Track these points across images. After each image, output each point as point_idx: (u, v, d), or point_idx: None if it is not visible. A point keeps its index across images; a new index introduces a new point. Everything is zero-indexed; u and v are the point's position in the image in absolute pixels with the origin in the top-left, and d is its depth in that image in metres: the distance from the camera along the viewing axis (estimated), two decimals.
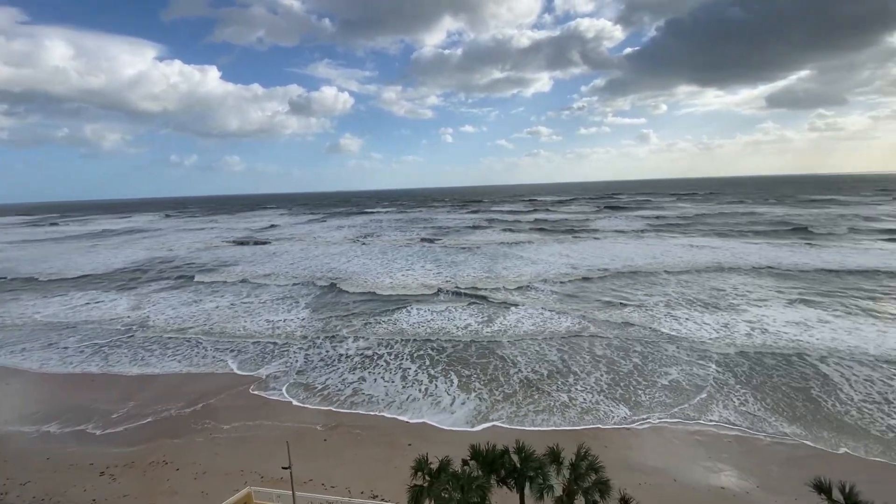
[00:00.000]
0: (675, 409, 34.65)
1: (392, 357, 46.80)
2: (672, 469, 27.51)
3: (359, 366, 44.95)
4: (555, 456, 15.87)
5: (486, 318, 57.72)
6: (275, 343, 52.29)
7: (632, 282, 74.21)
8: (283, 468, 22.19)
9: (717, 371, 40.83)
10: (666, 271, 80.00)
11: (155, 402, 38.71)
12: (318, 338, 53.44)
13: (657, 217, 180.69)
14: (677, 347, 46.42)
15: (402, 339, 51.60)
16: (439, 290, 72.72)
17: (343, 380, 41.96)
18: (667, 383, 38.94)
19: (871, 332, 48.79)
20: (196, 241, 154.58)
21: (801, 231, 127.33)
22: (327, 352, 49.08)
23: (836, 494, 12.19)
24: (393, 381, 41.13)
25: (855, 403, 34.54)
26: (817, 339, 47.14)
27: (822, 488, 12.23)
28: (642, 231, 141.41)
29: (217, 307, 68.49)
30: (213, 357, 48.98)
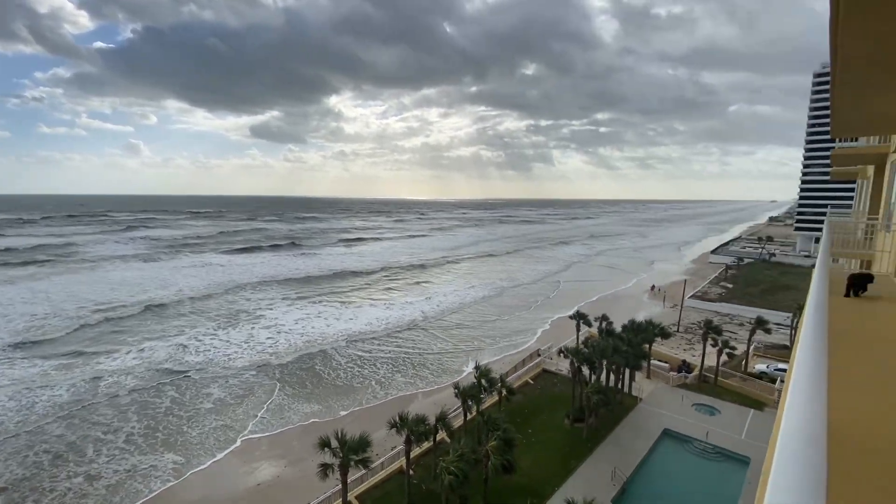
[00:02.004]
0: (221, 433, 34.72)
1: None
2: (210, 494, 27.68)
3: None
4: None
5: None
6: None
7: (148, 314, 66.47)
8: None
9: (252, 377, 44.20)
10: (188, 298, 77.11)
11: None
12: None
13: (166, 237, 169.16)
14: (211, 368, 46.30)
15: None
16: None
17: None
18: (211, 405, 38.73)
19: (348, 314, 67.69)
20: None
21: (297, 243, 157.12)
22: None
23: (334, 443, 16.77)
24: None
25: (343, 368, 47.03)
26: (317, 328, 60.30)
27: (324, 443, 16.48)
28: (151, 254, 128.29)
29: None
30: None
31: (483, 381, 32.50)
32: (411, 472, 26.71)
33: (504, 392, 33.91)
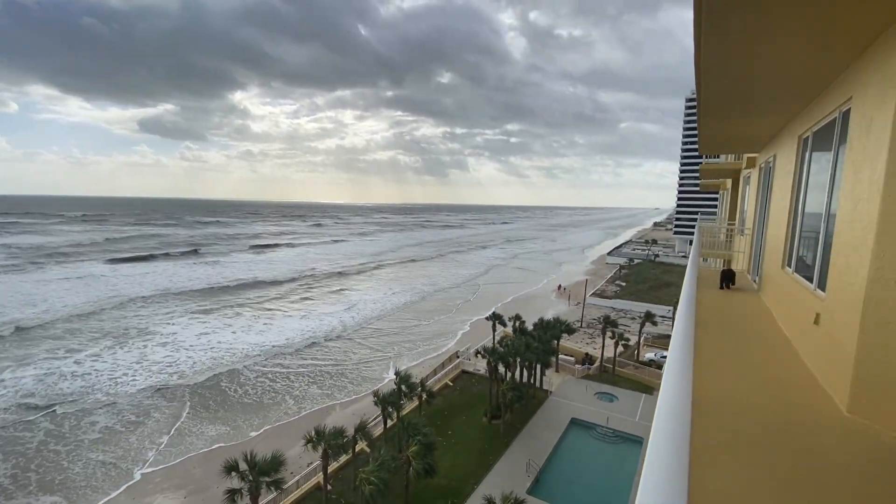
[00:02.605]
0: (111, 467, 30.50)
1: None
2: None
3: None
4: None
5: None
6: None
7: (8, 338, 56.30)
8: None
9: (148, 401, 39.51)
10: (62, 316, 66.68)
11: None
12: None
13: (31, 244, 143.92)
14: (93, 395, 40.49)
15: None
16: None
17: None
18: (98, 435, 34.22)
19: (259, 326, 63.33)
20: None
21: (200, 251, 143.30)
22: None
23: (243, 466, 15.63)
24: None
25: (253, 384, 43.93)
26: (223, 343, 55.61)
27: (230, 467, 15.28)
28: (11, 265, 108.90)
29: None
30: None
31: (403, 387, 32.42)
32: (329, 486, 25.77)
33: (424, 396, 34.12)
